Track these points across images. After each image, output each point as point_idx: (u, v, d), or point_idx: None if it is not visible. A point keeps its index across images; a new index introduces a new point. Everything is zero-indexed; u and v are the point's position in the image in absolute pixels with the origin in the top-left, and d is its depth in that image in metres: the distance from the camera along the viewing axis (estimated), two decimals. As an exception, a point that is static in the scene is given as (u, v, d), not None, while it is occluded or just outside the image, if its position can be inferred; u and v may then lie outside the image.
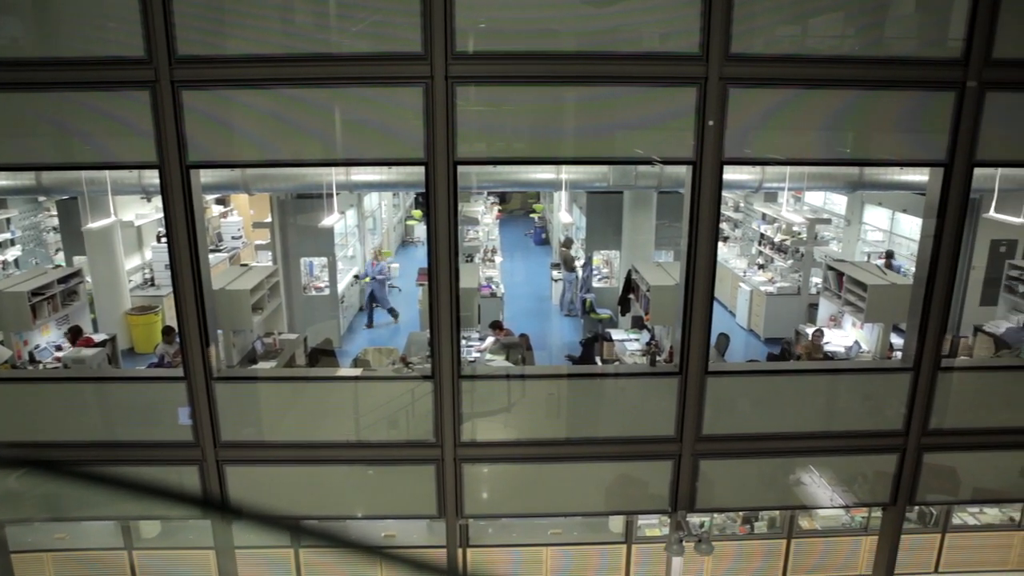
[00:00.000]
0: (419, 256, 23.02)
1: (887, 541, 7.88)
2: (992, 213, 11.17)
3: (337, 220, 12.28)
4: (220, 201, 19.13)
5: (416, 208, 28.10)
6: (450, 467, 6.92)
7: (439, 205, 6.20)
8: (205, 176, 9.70)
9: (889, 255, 16.56)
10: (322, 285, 15.31)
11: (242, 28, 5.84)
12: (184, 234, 6.22)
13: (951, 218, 6.67)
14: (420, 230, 25.81)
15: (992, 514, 10.73)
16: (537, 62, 5.96)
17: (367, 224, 21.33)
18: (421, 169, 6.17)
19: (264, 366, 10.22)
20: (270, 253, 14.38)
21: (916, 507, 10.09)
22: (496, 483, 7.21)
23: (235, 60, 5.83)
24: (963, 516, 10.68)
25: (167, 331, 10.72)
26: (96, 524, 8.86)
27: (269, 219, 14.03)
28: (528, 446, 6.96)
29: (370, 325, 16.52)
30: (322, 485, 7.07)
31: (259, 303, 11.02)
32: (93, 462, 6.86)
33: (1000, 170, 10.07)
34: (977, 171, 6.64)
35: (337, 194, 10.12)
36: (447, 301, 6.45)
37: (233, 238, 18.46)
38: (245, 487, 6.97)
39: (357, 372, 7.44)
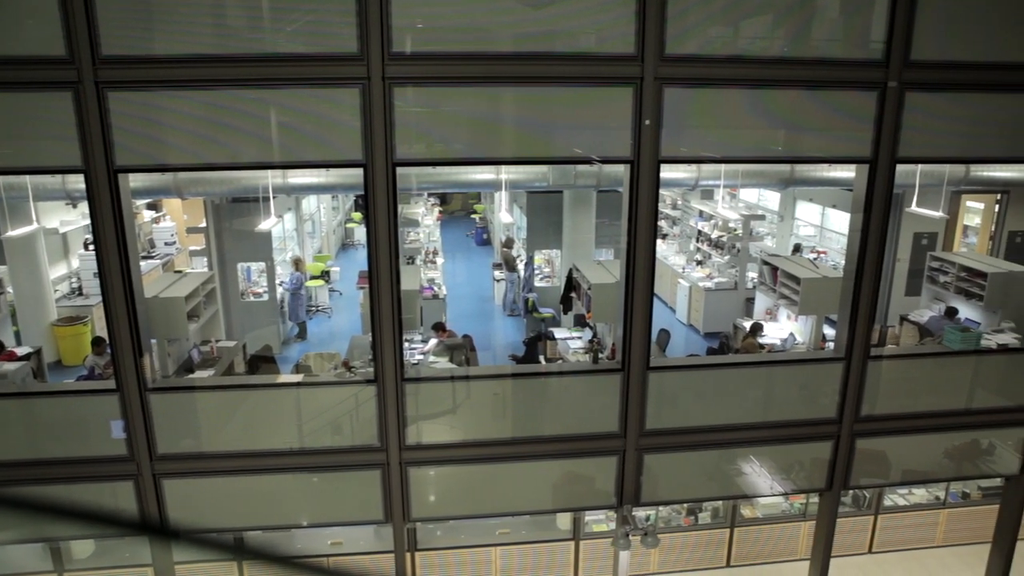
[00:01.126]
0: (360, 259, 22.76)
1: (824, 525, 8.14)
2: (914, 208, 11.67)
3: (274, 224, 12.04)
4: (151, 206, 18.54)
5: (356, 210, 27.76)
6: (396, 471, 6.86)
7: (378, 207, 6.14)
8: (135, 180, 9.39)
9: (797, 248, 17.17)
10: (260, 290, 15.00)
11: (170, 27, 5.67)
12: (113, 241, 6.01)
13: (877, 213, 6.94)
14: (360, 232, 25.51)
15: (920, 494, 11.22)
16: (475, 63, 5.96)
17: (306, 227, 20.98)
18: (360, 171, 6.10)
19: (202, 375, 9.95)
20: (205, 259, 13.99)
21: (850, 491, 10.46)
22: (443, 485, 7.18)
23: (163, 60, 5.66)
24: (894, 498, 11.13)
25: (97, 342, 10.34)
26: (21, 547, 8.48)
27: (204, 224, 13.67)
28: (474, 447, 6.95)
29: (301, 338, 16.15)
30: (265, 495, 6.92)
31: (195, 310, 10.72)
32: (20, 482, 6.56)
33: (920, 166, 10.52)
34: (899, 167, 6.93)
35: (274, 197, 9.92)
36: (389, 304, 6.40)
37: (166, 244, 17.91)
38: (184, 500, 6.77)
39: (298, 378, 7.31)
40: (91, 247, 12.08)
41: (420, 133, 6.19)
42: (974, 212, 15.99)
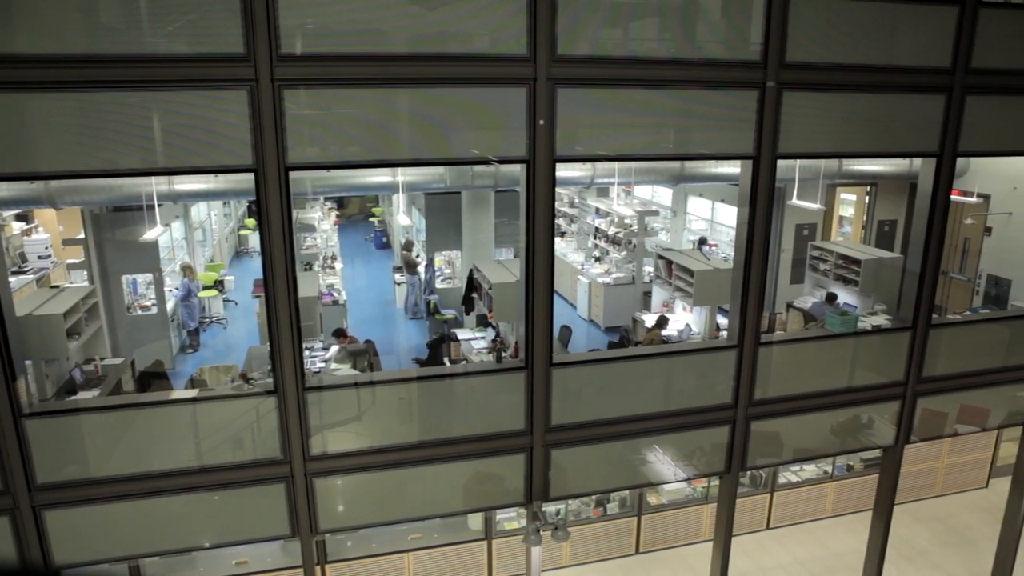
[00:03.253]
0: (255, 267, 22.00)
1: (724, 506, 8.49)
2: (795, 201, 12.34)
3: (161, 233, 11.49)
4: (22, 217, 17.26)
5: (249, 217, 26.82)
6: (301, 483, 6.68)
7: (272, 213, 5.95)
8: (0, 190, 8.74)
9: (703, 241, 17.87)
10: (149, 303, 14.26)
11: (37, 24, 5.29)
12: (-22, 256, 5.56)
13: (761, 206, 7.30)
14: (255, 239, 24.67)
15: (810, 470, 11.89)
16: (368, 64, 5.86)
17: (196, 236, 20.10)
18: (251, 176, 5.89)
19: (85, 396, 9.36)
20: (85, 272, 13.17)
21: (748, 472, 10.97)
22: (351, 494, 7.04)
23: (30, 60, 5.27)
24: (787, 475, 11.75)
25: (-36, 366, 9.53)
26: None
27: (82, 235, 12.87)
28: (382, 453, 6.85)
29: (193, 348, 15.49)
30: (163, 518, 6.58)
31: (75, 328, 10.06)
32: None
33: (799, 161, 11.14)
34: (780, 163, 7.32)
35: (160, 205, 9.46)
36: (286, 312, 6.21)
37: (40, 258, 16.67)
38: (70, 532, 6.35)
39: (193, 393, 6.99)
40: (-47, 264, 11.15)
41: (313, 136, 6.04)
42: (848, 203, 17.07)
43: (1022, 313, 9.58)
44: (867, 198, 15.91)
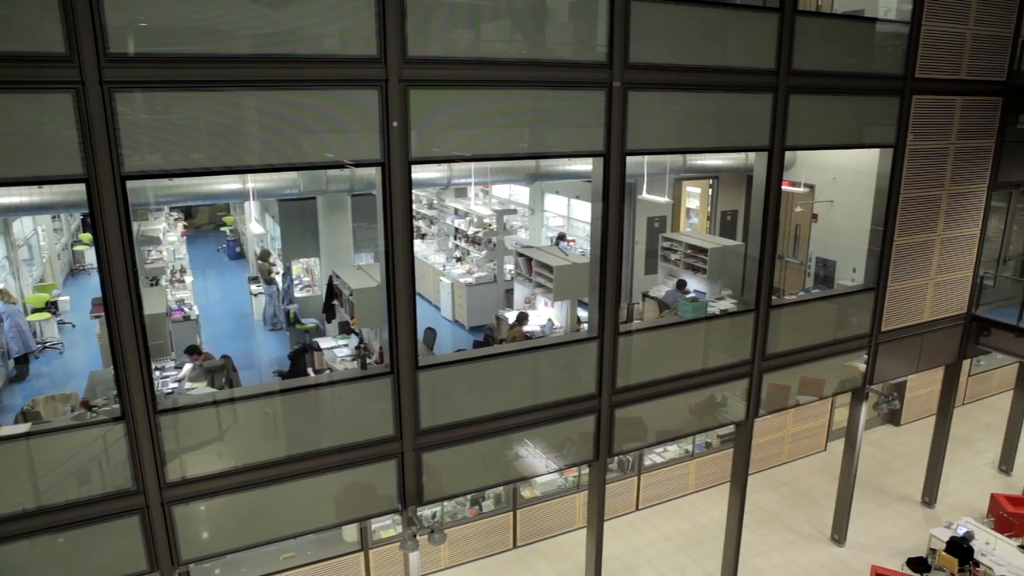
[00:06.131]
0: (93, 285, 20.36)
1: (595, 493, 8.77)
2: (645, 195, 12.93)
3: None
4: None
5: (84, 231, 24.80)
6: (158, 513, 6.25)
7: (109, 226, 5.52)
8: None
9: (561, 236, 18.38)
10: (-38, 333, 12.85)
11: None
12: None
13: (613, 201, 7.59)
14: (91, 255, 22.83)
15: (673, 451, 12.52)
16: (209, 65, 5.56)
17: (21, 254, 18.36)
18: (82, 187, 5.43)
19: None
20: None
21: (615, 458, 11.38)
22: (216, 518, 6.66)
23: None
24: (652, 458, 12.31)
25: None
26: None
27: None
28: (247, 472, 6.54)
29: (21, 377, 14.11)
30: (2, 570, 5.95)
31: None
32: None
33: (647, 157, 11.69)
34: (629, 159, 7.64)
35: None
36: (131, 331, 5.79)
37: None
38: None
39: (26, 427, 6.35)
40: None
41: (153, 142, 5.65)
42: (693, 196, 18.09)
43: (847, 291, 10.54)
44: (710, 190, 16.94)
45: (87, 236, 23.72)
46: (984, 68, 9.87)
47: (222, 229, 28.42)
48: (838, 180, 12.58)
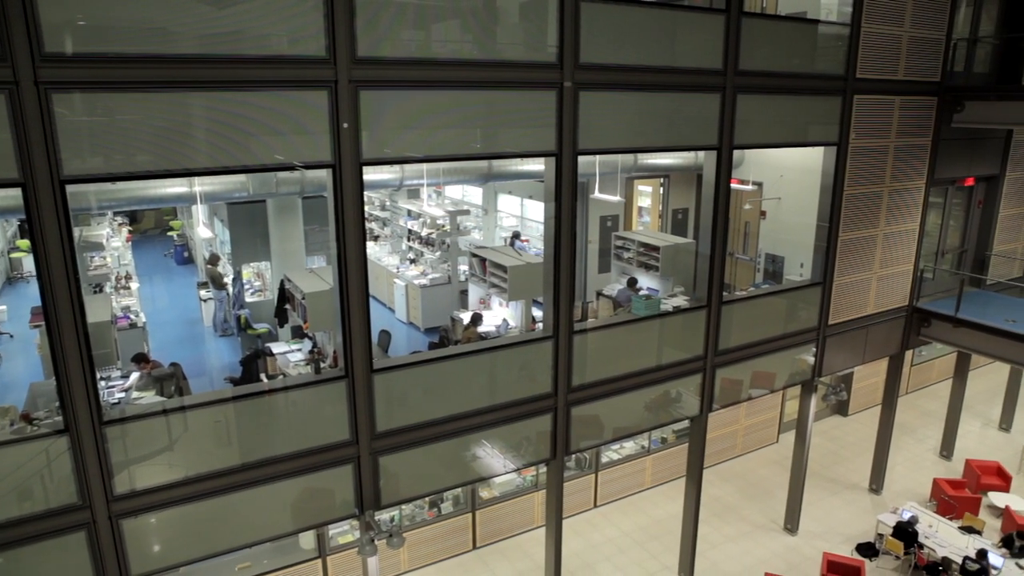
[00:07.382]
0: (32, 293, 19.66)
1: (553, 491, 8.80)
2: (597, 194, 13.03)
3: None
4: None
5: (21, 237, 23.92)
6: (105, 527, 6.07)
7: (48, 232, 5.34)
8: None
9: (516, 235, 18.40)
10: None
11: None
12: None
13: (566, 200, 7.63)
14: (30, 263, 22.05)
15: (629, 447, 12.63)
16: (153, 66, 5.42)
17: (-47, 263, 17.66)
18: (18, 191, 5.24)
19: None
20: None
21: (573, 456, 11.45)
22: (168, 530, 6.49)
23: None
24: (609, 455, 12.41)
25: None
26: None
27: None
28: (199, 482, 6.39)
29: None
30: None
31: None
32: None
33: (598, 157, 11.78)
34: (581, 159, 7.68)
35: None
36: (73, 340, 5.61)
37: None
38: None
39: (-37, 443, 6.10)
40: None
41: (94, 145, 5.48)
42: (645, 195, 18.29)
43: (795, 286, 10.79)
44: (661, 189, 17.14)
45: (25, 243, 22.90)
46: (920, 69, 10.22)
47: (169, 234, 27.74)
48: (785, 178, 12.86)
